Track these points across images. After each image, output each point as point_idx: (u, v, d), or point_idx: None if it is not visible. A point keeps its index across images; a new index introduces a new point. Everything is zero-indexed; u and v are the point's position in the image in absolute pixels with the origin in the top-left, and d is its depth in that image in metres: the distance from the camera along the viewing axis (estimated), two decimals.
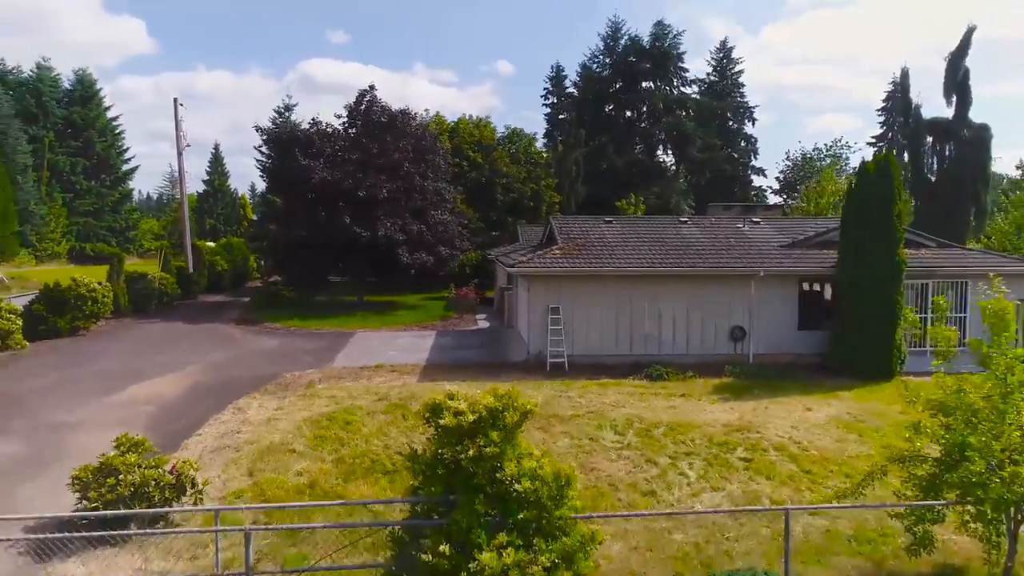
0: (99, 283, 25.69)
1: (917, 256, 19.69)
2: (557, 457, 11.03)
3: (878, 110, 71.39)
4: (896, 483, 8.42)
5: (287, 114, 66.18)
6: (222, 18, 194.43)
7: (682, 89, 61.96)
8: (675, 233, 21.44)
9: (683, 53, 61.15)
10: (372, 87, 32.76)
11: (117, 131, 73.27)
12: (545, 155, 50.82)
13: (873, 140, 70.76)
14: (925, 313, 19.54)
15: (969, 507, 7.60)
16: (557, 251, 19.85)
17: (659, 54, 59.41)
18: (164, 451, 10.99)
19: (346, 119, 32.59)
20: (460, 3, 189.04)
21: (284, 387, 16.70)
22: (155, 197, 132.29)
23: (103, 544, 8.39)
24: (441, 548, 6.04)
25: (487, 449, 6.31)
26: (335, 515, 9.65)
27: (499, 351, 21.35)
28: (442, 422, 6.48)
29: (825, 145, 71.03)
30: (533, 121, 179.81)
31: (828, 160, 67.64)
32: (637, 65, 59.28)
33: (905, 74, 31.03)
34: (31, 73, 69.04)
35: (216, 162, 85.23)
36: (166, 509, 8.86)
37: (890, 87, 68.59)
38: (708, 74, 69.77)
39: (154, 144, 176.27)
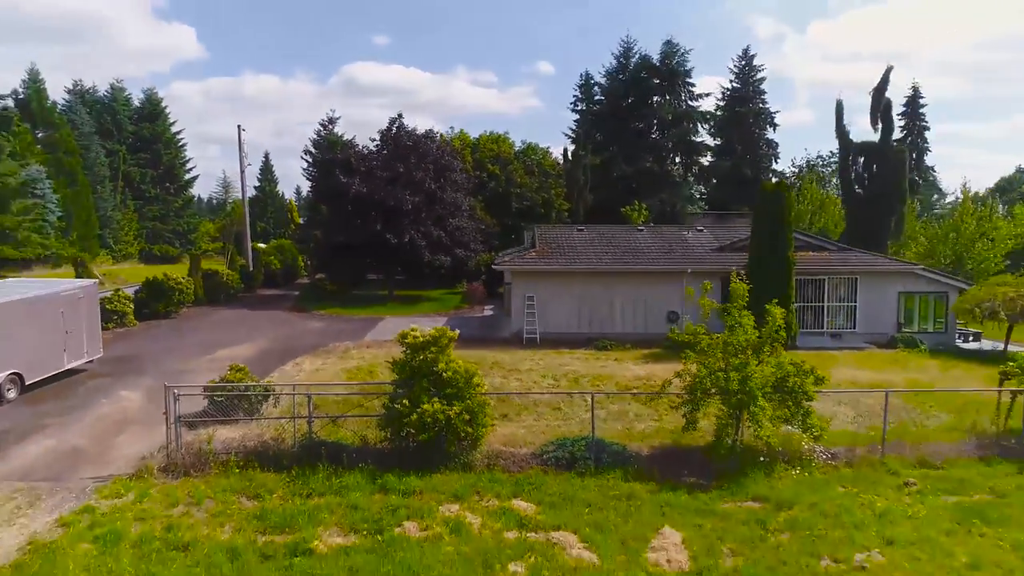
0: (183, 278, 32.51)
1: (816, 258, 25.10)
2: (504, 389, 17.01)
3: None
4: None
5: (331, 127, 73.00)
6: (268, 24, 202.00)
7: (690, 103, 66.79)
8: (630, 239, 27.19)
9: (691, 69, 66.27)
10: (400, 116, 39.32)
11: (180, 144, 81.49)
12: (558, 166, 56.39)
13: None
14: (823, 302, 25.04)
15: (721, 404, 13.11)
16: (534, 253, 25.81)
17: (668, 71, 64.56)
18: None
19: (379, 142, 39.00)
20: (501, 4, 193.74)
21: (327, 352, 22.98)
22: (205, 199, 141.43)
23: (220, 424, 14.47)
24: (404, 403, 12.08)
25: (429, 356, 12.33)
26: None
27: (491, 330, 27.36)
28: (407, 341, 12.53)
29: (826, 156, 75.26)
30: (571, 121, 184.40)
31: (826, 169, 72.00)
32: (647, 81, 64.54)
33: (840, 105, 35.82)
34: (106, 93, 77.62)
35: (266, 170, 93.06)
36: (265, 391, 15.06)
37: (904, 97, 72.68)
38: (731, 81, 74.25)
39: (203, 148, 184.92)
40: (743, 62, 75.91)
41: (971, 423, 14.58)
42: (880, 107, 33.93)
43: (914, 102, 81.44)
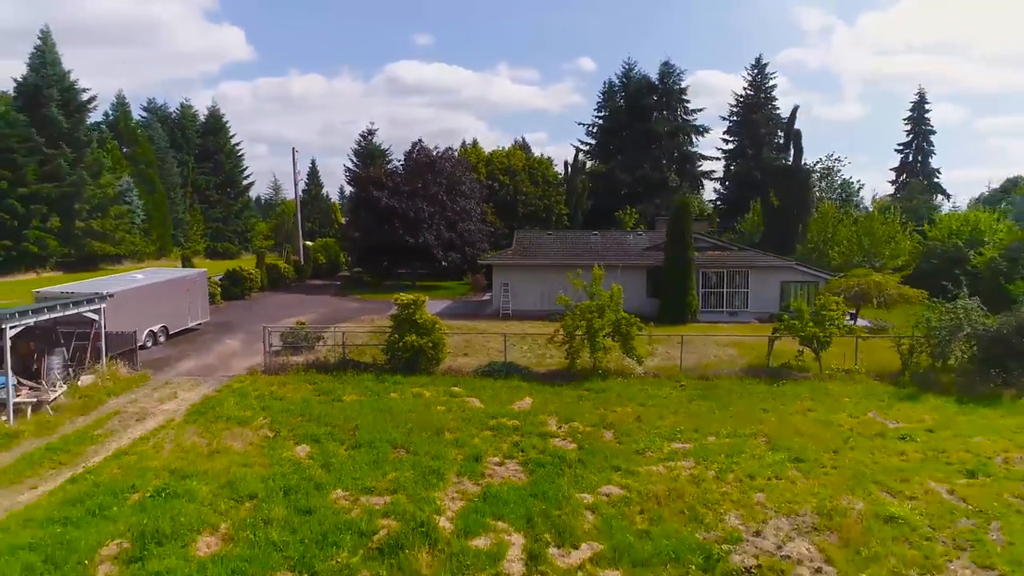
0: (253, 270, 42.50)
1: (719, 256, 33.67)
2: (474, 342, 26.21)
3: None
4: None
5: (370, 137, 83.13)
6: (314, 24, 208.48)
7: (684, 116, 74.92)
8: (585, 241, 36.16)
9: (686, 87, 74.63)
10: (420, 140, 49.06)
11: (239, 154, 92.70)
12: (560, 176, 65.17)
13: None
14: (723, 288, 33.59)
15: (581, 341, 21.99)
16: (511, 251, 34.96)
17: (664, 90, 72.88)
18: None
19: (403, 162, 48.61)
20: (544, 1, 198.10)
21: (359, 321, 32.48)
22: (254, 197, 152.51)
23: (291, 353, 23.86)
24: (396, 337, 21.46)
25: (411, 310, 21.66)
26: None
27: (482, 308, 36.58)
28: (398, 301, 21.87)
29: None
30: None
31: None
32: (646, 99, 72.93)
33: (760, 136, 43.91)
34: (176, 111, 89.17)
35: (313, 175, 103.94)
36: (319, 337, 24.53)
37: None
38: (744, 88, 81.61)
39: (252, 147, 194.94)
40: (755, 70, 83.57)
41: (748, 359, 23.27)
42: (791, 137, 42.10)
43: (919, 108, 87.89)
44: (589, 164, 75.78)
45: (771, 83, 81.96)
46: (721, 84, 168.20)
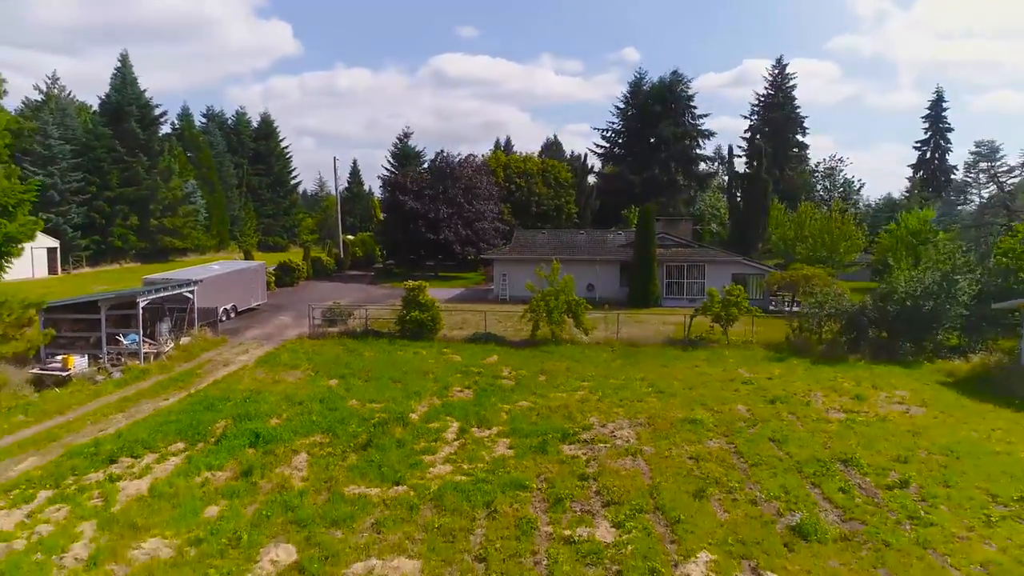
0: (300, 261, 50.71)
1: (681, 252, 40.44)
2: (469, 319, 33.71)
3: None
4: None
5: (406, 140, 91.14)
6: (359, 18, 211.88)
7: (691, 122, 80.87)
8: (571, 239, 43.29)
9: (694, 95, 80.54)
10: (443, 151, 56.62)
11: (288, 156, 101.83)
12: (573, 178, 72.04)
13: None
14: (684, 279, 40.35)
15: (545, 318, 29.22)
16: (509, 248, 42.32)
17: (673, 97, 78.94)
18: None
19: (427, 170, 56.25)
20: None
21: (385, 304, 40.23)
22: (301, 191, 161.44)
23: (328, 326, 31.67)
24: (404, 312, 29.11)
25: (416, 292, 29.27)
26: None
27: (485, 295, 44.04)
28: (406, 286, 29.50)
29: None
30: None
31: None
32: (655, 106, 79.10)
33: (730, 148, 49.83)
34: (232, 117, 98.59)
35: (355, 173, 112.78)
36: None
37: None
38: (765, 88, 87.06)
39: (299, 140, 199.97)
40: (776, 71, 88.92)
41: (678, 333, 30.24)
42: (752, 150, 48.29)
43: (937, 106, 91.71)
44: (603, 166, 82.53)
45: (791, 83, 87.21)
46: (769, 74, 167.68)
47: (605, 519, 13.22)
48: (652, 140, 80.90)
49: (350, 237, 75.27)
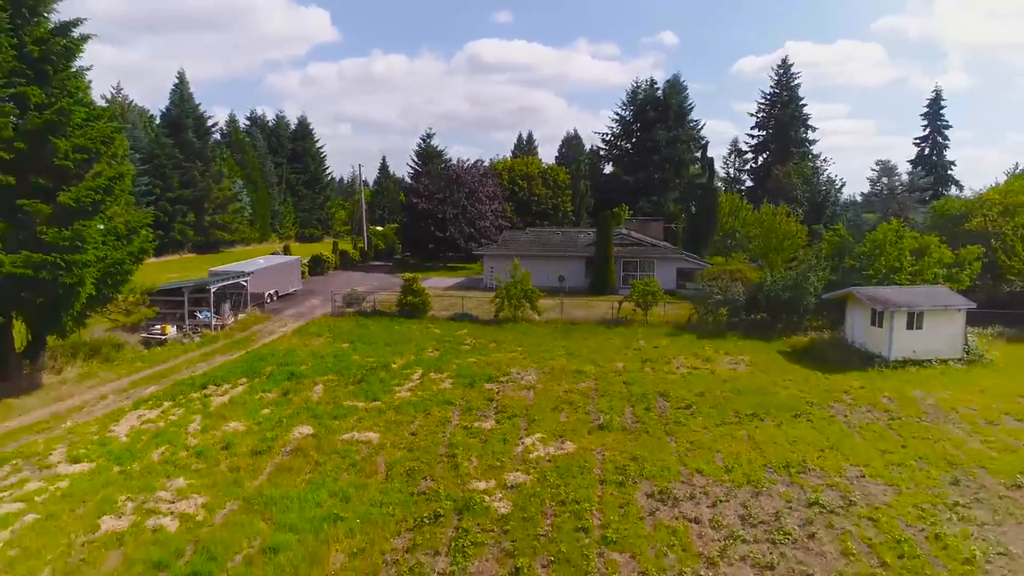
0: (329, 254, 60.81)
1: (636, 250, 49.40)
2: (456, 303, 43.36)
3: None
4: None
5: (428, 140, 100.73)
6: (397, 4, 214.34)
7: (683, 127, 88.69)
8: (548, 238, 52.50)
9: (685, 102, 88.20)
10: (450, 159, 65.89)
11: (322, 156, 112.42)
12: (571, 179, 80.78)
13: None
14: (637, 272, 49.31)
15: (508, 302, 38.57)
16: (496, 245, 51.74)
17: (667, 104, 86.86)
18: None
19: (436, 177, 65.85)
20: None
21: (395, 291, 50.07)
22: (337, 179, 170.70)
23: (346, 307, 41.48)
24: (402, 297, 38.84)
25: (410, 281, 38.95)
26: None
27: (478, 284, 53.50)
28: (403, 277, 39.16)
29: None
30: (698, 95, 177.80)
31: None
32: (650, 112, 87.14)
33: (709, 162, 58.05)
34: (272, 120, 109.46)
35: (383, 168, 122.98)
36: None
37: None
38: (771, 86, 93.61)
39: (336, 126, 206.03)
40: (781, 69, 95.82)
41: (611, 315, 39.35)
42: (704, 161, 56.55)
43: (936, 104, 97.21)
44: (602, 166, 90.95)
45: (796, 82, 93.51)
46: (812, 57, 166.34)
47: (493, 419, 22.69)
48: (648, 144, 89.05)
49: (378, 228, 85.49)
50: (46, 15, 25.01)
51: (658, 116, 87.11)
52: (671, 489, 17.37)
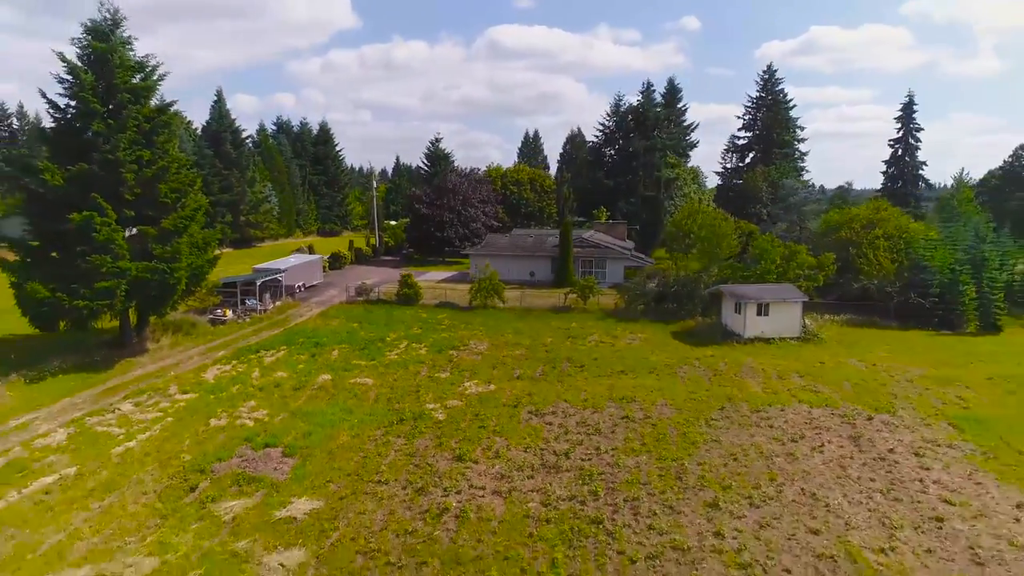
0: (346, 251, 72.88)
1: (592, 251, 60.94)
2: (445, 293, 55.31)
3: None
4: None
5: (437, 144, 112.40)
6: None
7: (657, 135, 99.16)
8: (523, 240, 64.16)
9: (660, 114, 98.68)
10: (447, 169, 77.52)
11: (341, 158, 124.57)
12: (555, 185, 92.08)
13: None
14: (593, 269, 60.99)
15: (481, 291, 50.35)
16: (480, 246, 63.55)
17: (643, 114, 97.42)
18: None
19: (435, 186, 77.59)
20: None
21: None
22: (356, 168, 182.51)
23: (357, 296, 53.50)
24: (399, 288, 50.85)
25: (406, 275, 50.90)
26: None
27: (466, 278, 65.26)
28: (401, 273, 51.12)
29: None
30: (721, 79, 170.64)
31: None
32: (630, 121, 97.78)
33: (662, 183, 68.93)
34: (297, 126, 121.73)
35: (398, 166, 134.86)
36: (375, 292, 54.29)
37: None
38: (757, 91, 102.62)
39: (356, 113, 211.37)
40: (766, 75, 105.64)
41: (562, 303, 50.97)
42: (662, 174, 67.62)
43: (908, 108, 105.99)
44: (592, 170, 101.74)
45: (780, 86, 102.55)
46: (837, 41, 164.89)
47: (449, 372, 34.54)
48: (629, 150, 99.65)
49: (392, 223, 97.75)
50: (147, 100, 36.98)
51: (636, 126, 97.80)
52: (543, 410, 29.13)
